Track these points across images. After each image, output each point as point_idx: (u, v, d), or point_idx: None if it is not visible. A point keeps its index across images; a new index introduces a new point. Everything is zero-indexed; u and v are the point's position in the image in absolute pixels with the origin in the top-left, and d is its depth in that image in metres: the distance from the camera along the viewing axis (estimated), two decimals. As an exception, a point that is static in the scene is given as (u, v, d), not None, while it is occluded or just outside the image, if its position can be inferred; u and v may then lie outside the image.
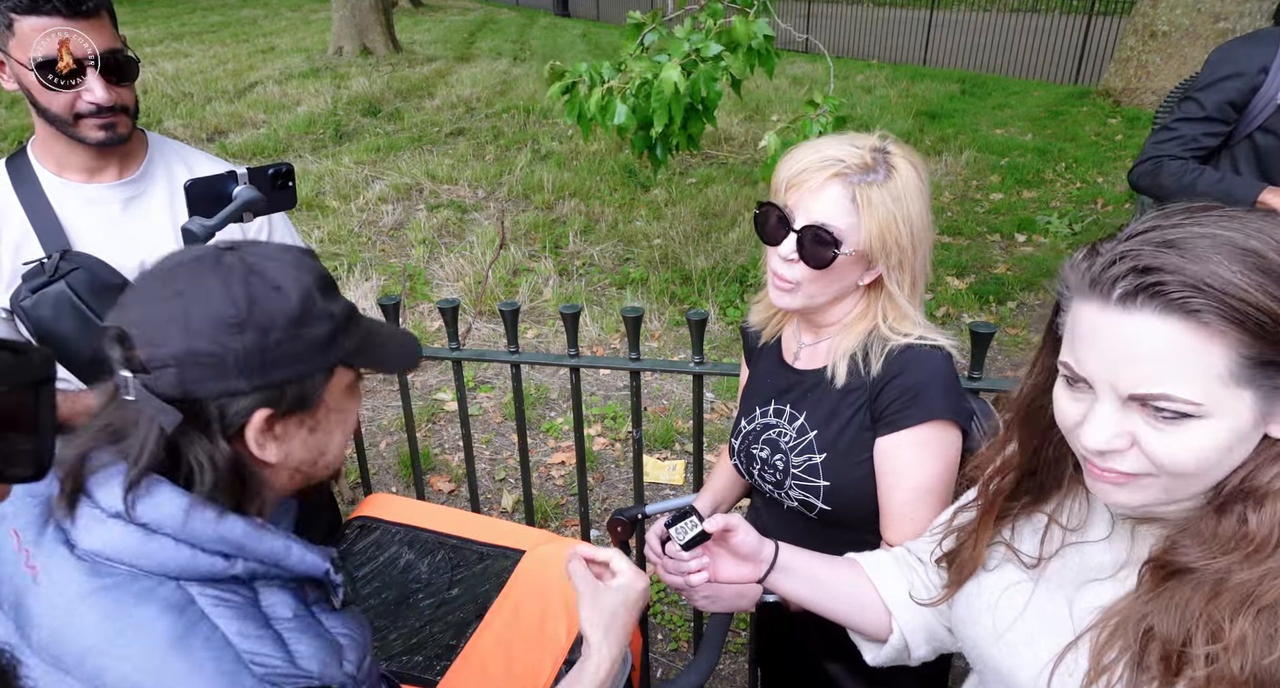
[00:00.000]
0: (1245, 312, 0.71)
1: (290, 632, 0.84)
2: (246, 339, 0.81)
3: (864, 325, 1.35)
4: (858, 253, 1.26)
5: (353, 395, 0.96)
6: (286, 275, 0.85)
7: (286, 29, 17.17)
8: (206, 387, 0.81)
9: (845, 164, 1.24)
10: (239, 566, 0.83)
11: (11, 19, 1.47)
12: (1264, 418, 0.76)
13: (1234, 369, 0.73)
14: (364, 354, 0.93)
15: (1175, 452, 0.76)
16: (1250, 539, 0.77)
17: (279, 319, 0.83)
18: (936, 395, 1.28)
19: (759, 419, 1.49)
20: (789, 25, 4.15)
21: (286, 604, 0.86)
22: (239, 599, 0.83)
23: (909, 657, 1.20)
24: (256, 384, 0.82)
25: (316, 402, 0.88)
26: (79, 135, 1.59)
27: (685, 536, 1.15)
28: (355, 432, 2.29)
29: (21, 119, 8.93)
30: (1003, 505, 1.01)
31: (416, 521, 1.71)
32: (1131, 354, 0.75)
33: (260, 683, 0.78)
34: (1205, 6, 7.99)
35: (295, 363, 0.85)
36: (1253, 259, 0.72)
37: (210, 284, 0.82)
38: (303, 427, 0.89)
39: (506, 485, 3.57)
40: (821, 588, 1.21)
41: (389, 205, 6.69)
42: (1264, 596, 0.75)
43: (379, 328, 0.99)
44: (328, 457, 0.95)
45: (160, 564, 0.80)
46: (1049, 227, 5.96)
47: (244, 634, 0.80)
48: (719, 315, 4.89)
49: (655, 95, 3.47)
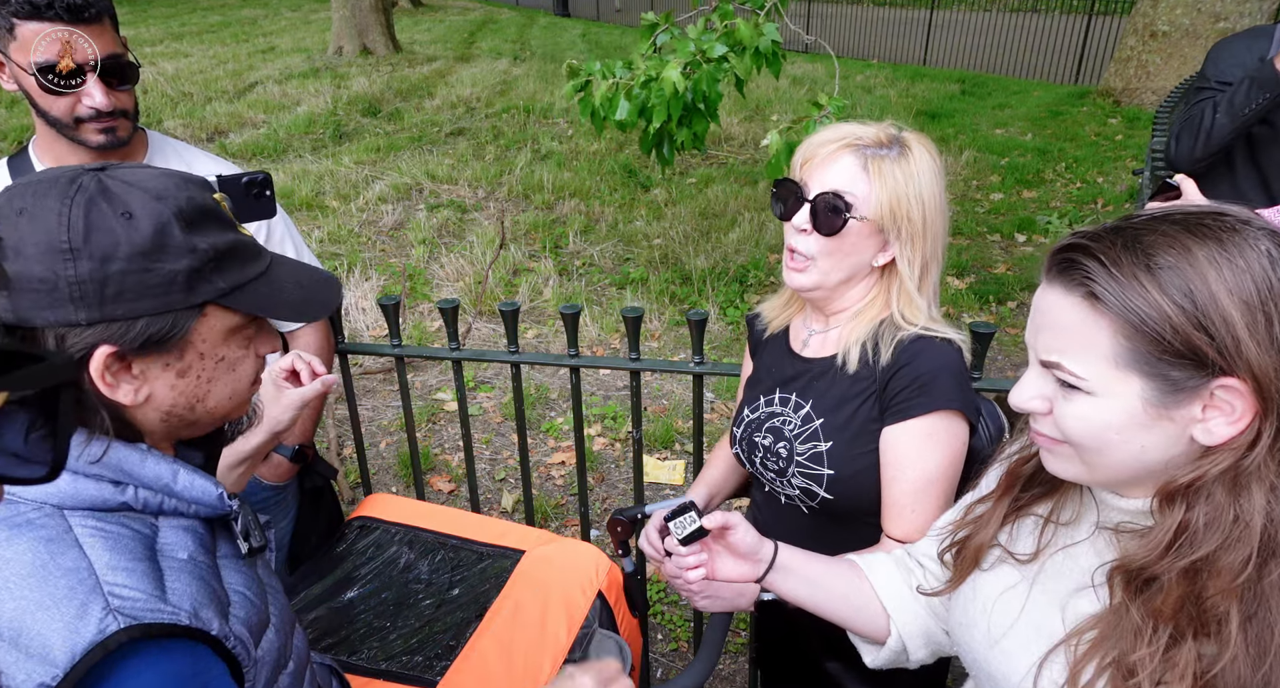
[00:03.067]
0: (1136, 308, 0.76)
1: (174, 569, 0.81)
2: (80, 267, 0.76)
3: (875, 313, 1.36)
4: (869, 222, 1.28)
5: (242, 342, 0.90)
6: (142, 203, 0.79)
7: (286, 29, 17.17)
8: (40, 314, 0.77)
9: (858, 137, 1.29)
10: (129, 492, 0.81)
11: (13, 23, 1.48)
12: (1162, 411, 0.79)
13: (1118, 353, 0.78)
14: (244, 296, 0.86)
15: (1071, 421, 0.83)
16: (1185, 529, 0.79)
17: (122, 248, 0.77)
18: (947, 385, 1.28)
19: (763, 407, 1.48)
20: (797, 27, 4.18)
21: (184, 546, 0.83)
22: (123, 531, 0.80)
23: (907, 659, 1.20)
24: (95, 317, 0.77)
25: (181, 343, 0.83)
26: (79, 138, 1.59)
27: (684, 531, 1.15)
28: (355, 432, 2.28)
29: (22, 119, 8.93)
30: (1018, 492, 1.02)
31: (416, 521, 1.71)
32: (1041, 323, 0.84)
33: (113, 614, 0.73)
34: (1205, 6, 7.99)
35: (144, 297, 0.79)
36: (1186, 273, 0.75)
37: (50, 205, 0.77)
38: (169, 369, 0.84)
39: (506, 485, 3.57)
40: (820, 589, 1.21)
41: (389, 205, 6.69)
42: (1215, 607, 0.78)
43: (285, 270, 0.92)
44: (207, 404, 0.88)
45: (40, 492, 0.78)
46: (1049, 227, 5.96)
47: (112, 566, 0.76)
48: (719, 315, 4.89)
49: (655, 93, 3.50)
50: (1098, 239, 0.80)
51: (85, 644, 0.71)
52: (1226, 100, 2.47)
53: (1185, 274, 0.75)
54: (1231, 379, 0.76)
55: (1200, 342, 0.75)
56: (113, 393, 0.81)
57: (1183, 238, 0.77)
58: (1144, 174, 3.54)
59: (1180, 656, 0.79)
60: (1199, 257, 0.75)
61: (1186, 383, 0.77)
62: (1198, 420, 0.79)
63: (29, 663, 0.71)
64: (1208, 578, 0.78)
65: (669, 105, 3.49)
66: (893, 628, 1.19)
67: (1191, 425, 0.79)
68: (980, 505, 1.07)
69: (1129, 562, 0.83)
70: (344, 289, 5.06)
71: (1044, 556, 0.97)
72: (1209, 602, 0.78)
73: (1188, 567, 0.79)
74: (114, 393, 0.81)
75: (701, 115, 3.77)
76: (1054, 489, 0.99)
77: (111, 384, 0.81)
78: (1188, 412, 0.79)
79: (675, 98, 3.46)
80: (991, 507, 1.04)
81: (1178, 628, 0.79)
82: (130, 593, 0.76)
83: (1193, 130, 2.56)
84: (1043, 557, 0.97)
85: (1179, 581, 0.79)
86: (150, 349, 0.81)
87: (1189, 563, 0.79)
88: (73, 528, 0.78)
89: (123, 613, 0.74)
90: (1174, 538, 0.80)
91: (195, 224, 0.82)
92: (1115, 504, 0.90)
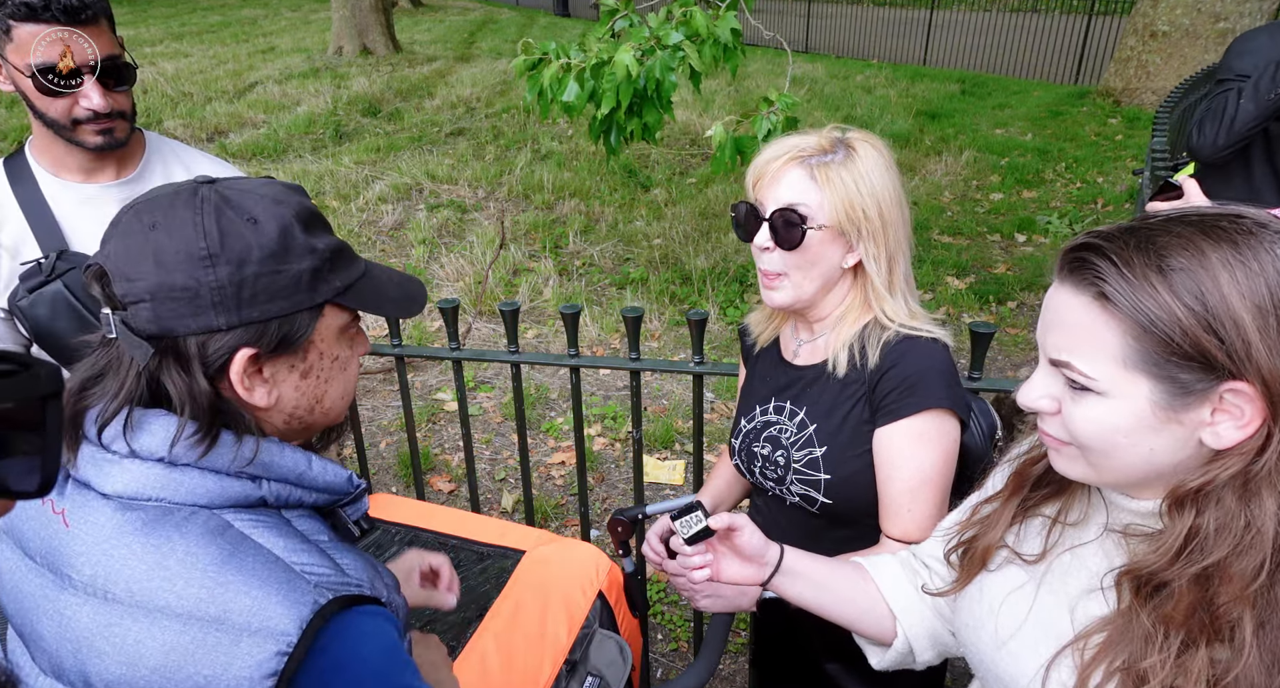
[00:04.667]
0: (1146, 309, 0.76)
1: (331, 549, 0.84)
2: (220, 273, 0.78)
3: (858, 315, 1.37)
4: (827, 228, 1.30)
5: (350, 341, 0.92)
6: (264, 208, 0.82)
7: (286, 29, 17.16)
8: (183, 323, 0.79)
9: (800, 148, 1.30)
10: (265, 487, 0.83)
11: (10, 25, 1.47)
12: (1171, 413, 0.78)
13: (1127, 354, 0.78)
14: (357, 294, 0.89)
15: (1079, 422, 0.83)
16: (1195, 534, 0.79)
17: (255, 252, 0.80)
18: (935, 385, 1.29)
19: (759, 417, 1.49)
20: (786, 24, 4.13)
21: (319, 531, 0.86)
22: (275, 521, 0.83)
23: (914, 661, 1.20)
24: (235, 321, 0.80)
25: (305, 343, 0.85)
26: (77, 140, 1.59)
27: (690, 530, 1.15)
28: (355, 432, 2.28)
29: (21, 119, 8.93)
30: (1027, 493, 1.01)
31: (416, 521, 1.71)
32: (1053, 322, 0.84)
33: (317, 588, 0.77)
34: (1205, 6, 7.99)
35: (276, 299, 0.81)
36: (1198, 275, 0.75)
37: (183, 216, 0.79)
38: (294, 371, 0.86)
39: (506, 485, 3.57)
40: (826, 592, 1.20)
41: (389, 205, 6.68)
42: (1228, 613, 0.77)
43: (378, 270, 0.95)
44: (324, 405, 0.91)
45: (190, 494, 0.80)
46: (1049, 227, 5.96)
47: (290, 549, 0.80)
48: (719, 315, 4.89)
49: (607, 77, 3.41)
50: (1111, 239, 0.80)
51: (309, 613, 0.75)
52: (1251, 86, 2.45)
53: (1197, 276, 0.75)
54: (1240, 383, 0.75)
55: (1209, 344, 0.74)
56: (250, 396, 0.83)
57: (1197, 240, 0.76)
58: (1144, 174, 3.54)
59: (1193, 662, 0.78)
60: (1213, 259, 0.75)
61: (1195, 386, 0.77)
62: (1206, 424, 0.78)
63: (254, 638, 0.74)
64: (1219, 584, 0.77)
65: (619, 90, 3.39)
66: (899, 630, 1.18)
67: (1200, 429, 0.79)
68: (987, 506, 1.07)
69: (1139, 567, 0.82)
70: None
71: (1051, 556, 0.97)
72: (1221, 609, 0.77)
73: (1199, 573, 0.78)
74: (251, 396, 0.83)
75: (653, 105, 3.64)
76: (1063, 489, 0.99)
77: (249, 387, 0.83)
78: (1196, 415, 0.78)
79: (627, 81, 3.36)
80: (999, 507, 1.03)
81: (1189, 635, 0.79)
82: (319, 571, 0.80)
83: (1216, 118, 2.53)
84: (1050, 557, 0.97)
85: (1190, 587, 0.79)
86: (280, 350, 0.84)
87: (1200, 569, 0.78)
88: (232, 524, 0.80)
89: (324, 587, 0.78)
90: (1184, 544, 0.79)
91: (310, 226, 0.85)
92: (1124, 505, 0.89)
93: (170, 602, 0.75)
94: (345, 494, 0.91)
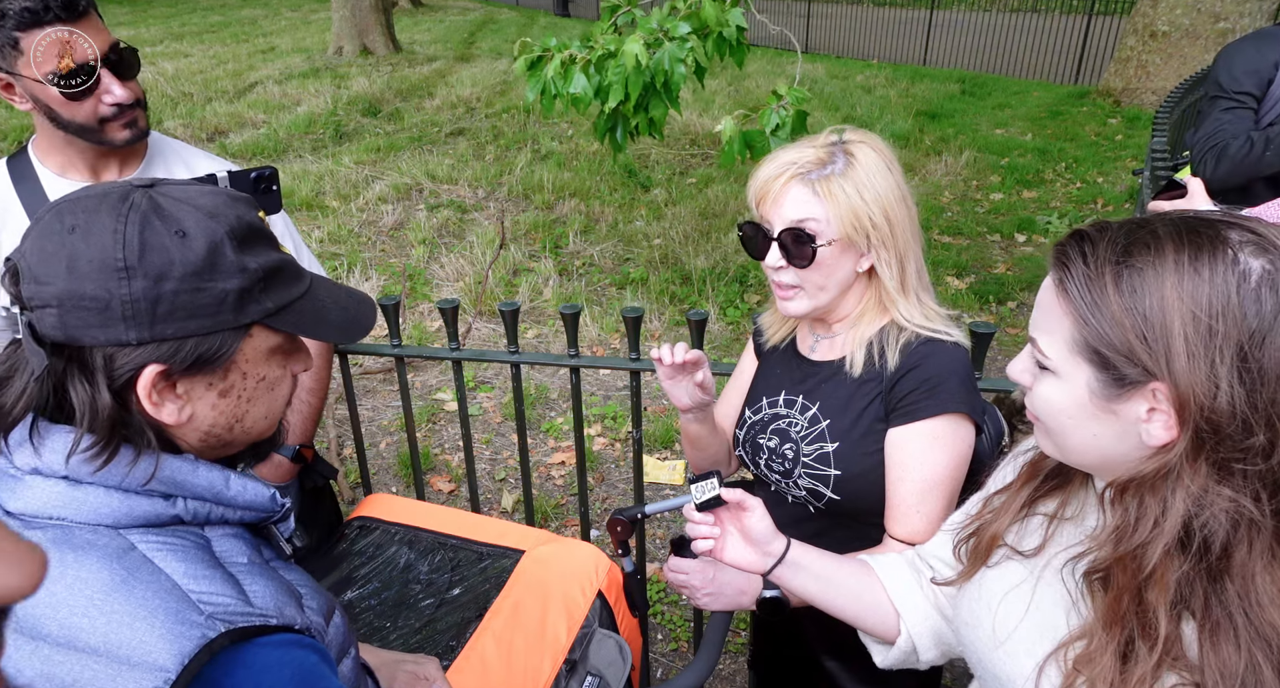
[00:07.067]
0: (1089, 301, 0.79)
1: (244, 573, 0.80)
2: (135, 286, 0.74)
3: (874, 316, 1.37)
4: (837, 242, 1.29)
5: (281, 361, 0.88)
6: (196, 221, 0.77)
7: (286, 29, 17.16)
8: (90, 333, 0.75)
9: (799, 165, 1.29)
10: (180, 505, 0.80)
11: (16, 37, 1.46)
12: (1105, 403, 0.82)
13: (1074, 339, 0.83)
14: (291, 315, 0.85)
15: (1037, 399, 0.89)
16: (1122, 527, 0.82)
17: (176, 268, 0.76)
18: (954, 388, 1.29)
19: (766, 410, 1.49)
20: (786, 24, 4.12)
21: (240, 551, 0.83)
22: (185, 543, 0.79)
23: (917, 660, 1.20)
24: (146, 337, 0.76)
25: (227, 363, 0.82)
26: (106, 139, 1.59)
27: (703, 495, 1.16)
28: (355, 432, 2.28)
29: (21, 119, 8.93)
30: (1039, 483, 1.02)
31: (416, 521, 1.71)
32: (1037, 302, 0.90)
33: (210, 620, 0.73)
34: (1205, 6, 7.99)
35: (196, 317, 0.78)
36: (1146, 275, 0.77)
37: (104, 223, 0.75)
38: (211, 389, 0.82)
39: (506, 485, 3.57)
40: (831, 586, 1.20)
41: (389, 205, 6.68)
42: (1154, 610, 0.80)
43: (325, 290, 0.91)
44: (245, 424, 0.87)
45: (93, 513, 0.76)
46: (1049, 227, 5.96)
47: (191, 575, 0.76)
48: (719, 315, 4.89)
49: (614, 69, 3.35)
50: (1100, 231, 0.83)
51: (192, 648, 0.71)
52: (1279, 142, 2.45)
53: (1145, 277, 0.77)
54: (1162, 385, 0.77)
55: (1135, 343, 0.77)
56: (158, 413, 0.80)
57: (1166, 242, 0.78)
58: (1144, 174, 3.53)
59: (1132, 672, 0.80)
60: (1169, 262, 0.77)
61: (1125, 381, 0.80)
62: (1142, 420, 0.81)
63: (133, 672, 0.70)
64: (1146, 579, 0.81)
65: (627, 82, 3.33)
66: (903, 628, 1.19)
67: (1138, 424, 0.82)
68: (998, 497, 1.07)
69: (1084, 555, 0.87)
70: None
71: (1048, 552, 0.97)
72: (1148, 605, 0.80)
73: (1129, 564, 0.81)
74: (159, 413, 0.80)
75: (660, 99, 3.57)
76: (1067, 483, 1.00)
77: (157, 404, 0.80)
78: (1131, 410, 0.81)
79: (636, 72, 3.30)
80: (1010, 496, 1.04)
81: (1128, 638, 0.81)
82: (219, 600, 0.75)
83: (1231, 160, 2.53)
84: (1047, 553, 0.97)
85: (1121, 576, 0.82)
86: (196, 369, 0.80)
87: (1121, 557, 0.82)
88: (136, 545, 0.76)
89: (218, 618, 0.74)
90: (1115, 533, 0.83)
91: (246, 243, 0.81)
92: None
93: (52, 630, 0.72)
94: (271, 512, 0.88)
